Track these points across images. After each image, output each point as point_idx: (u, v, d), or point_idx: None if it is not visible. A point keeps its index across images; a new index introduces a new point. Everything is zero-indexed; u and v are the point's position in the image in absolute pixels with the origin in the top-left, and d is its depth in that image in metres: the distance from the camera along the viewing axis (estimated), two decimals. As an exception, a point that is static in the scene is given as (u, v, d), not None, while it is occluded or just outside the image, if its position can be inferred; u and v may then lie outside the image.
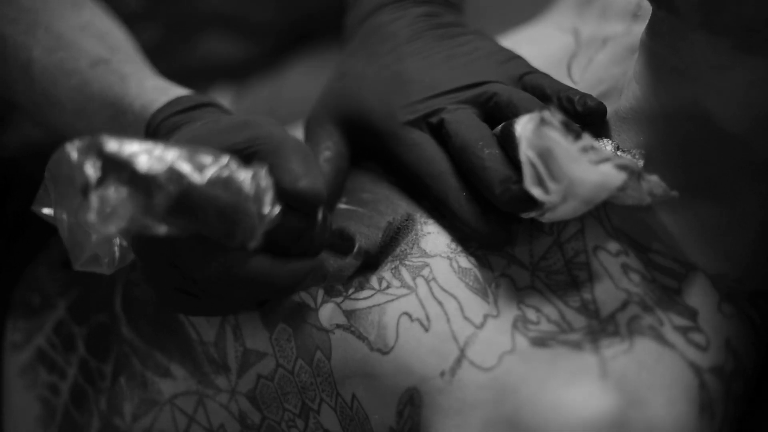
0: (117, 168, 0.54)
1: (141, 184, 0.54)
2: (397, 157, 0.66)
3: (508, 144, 0.61)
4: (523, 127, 0.59)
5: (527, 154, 0.58)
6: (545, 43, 0.72)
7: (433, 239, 0.64)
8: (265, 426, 0.66)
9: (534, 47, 0.72)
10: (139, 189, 0.54)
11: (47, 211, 0.59)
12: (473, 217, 0.63)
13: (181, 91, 0.68)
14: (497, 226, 0.63)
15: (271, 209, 0.57)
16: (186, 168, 0.55)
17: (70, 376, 0.72)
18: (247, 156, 0.59)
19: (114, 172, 0.54)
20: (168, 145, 0.56)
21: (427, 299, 0.62)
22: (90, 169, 0.54)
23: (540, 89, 0.65)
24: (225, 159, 0.56)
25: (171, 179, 0.55)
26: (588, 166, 0.58)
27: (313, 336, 0.64)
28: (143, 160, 0.54)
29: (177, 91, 0.68)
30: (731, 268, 0.62)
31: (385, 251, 0.64)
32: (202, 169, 0.56)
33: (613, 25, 0.70)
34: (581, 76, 0.68)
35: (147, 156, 0.55)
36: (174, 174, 0.55)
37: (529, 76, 0.66)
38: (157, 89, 0.68)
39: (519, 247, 0.63)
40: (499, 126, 0.63)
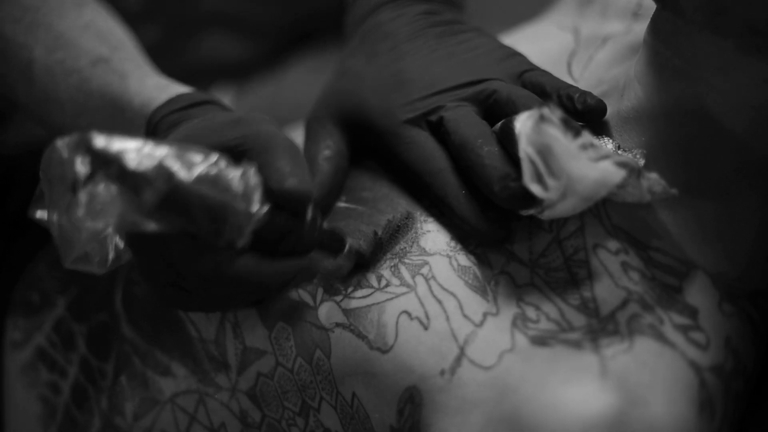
0: (106, 164, 0.54)
1: (130, 180, 0.54)
2: (397, 155, 0.66)
3: (507, 141, 0.61)
4: (523, 123, 0.59)
5: (526, 151, 0.58)
6: (545, 41, 0.72)
7: (433, 237, 0.64)
8: (265, 424, 0.66)
9: (534, 45, 0.71)
10: (127, 186, 0.54)
11: (40, 214, 0.59)
12: (472, 215, 0.62)
13: (181, 88, 0.68)
14: (496, 223, 0.62)
15: (259, 208, 0.57)
16: (175, 165, 0.55)
17: (71, 374, 0.72)
18: (238, 153, 0.59)
19: (103, 168, 0.54)
20: (157, 143, 0.56)
21: (427, 297, 0.62)
22: (79, 166, 0.54)
23: (540, 86, 0.65)
24: (214, 157, 0.57)
25: (159, 176, 0.55)
26: (587, 163, 0.58)
27: (312, 334, 0.64)
28: (132, 156, 0.55)
29: (177, 88, 0.68)
30: (731, 266, 0.62)
31: (385, 249, 0.64)
32: (191, 166, 0.56)
33: (613, 23, 0.70)
34: (581, 75, 0.68)
35: (136, 153, 0.55)
36: (163, 171, 0.55)
37: (529, 73, 0.66)
38: (157, 87, 0.68)
39: (518, 244, 0.63)
40: (499, 123, 0.63)
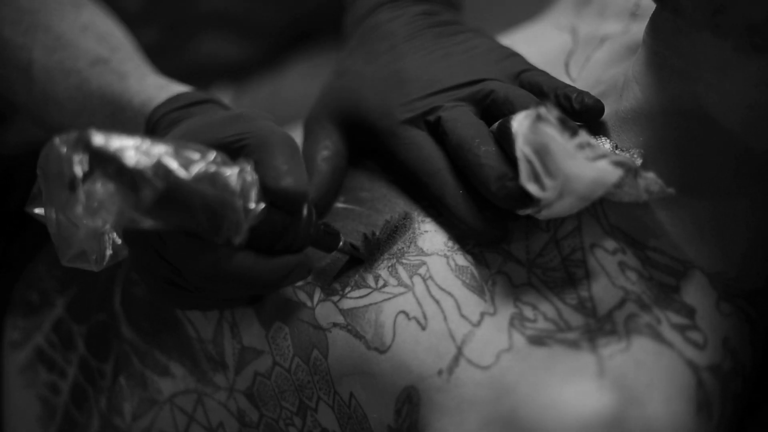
0: (104, 162, 0.55)
1: (128, 178, 0.55)
2: (395, 155, 0.66)
3: (504, 141, 0.61)
4: (520, 123, 0.59)
5: (523, 150, 0.58)
6: (543, 41, 0.72)
7: (431, 237, 0.64)
8: (263, 424, 0.66)
9: (531, 46, 0.72)
10: (125, 183, 0.55)
11: (39, 210, 0.59)
12: (470, 214, 0.63)
13: (180, 87, 0.69)
14: (494, 223, 0.62)
15: (256, 205, 0.58)
16: (173, 163, 0.55)
17: (70, 375, 0.72)
18: (236, 150, 0.59)
19: (101, 166, 0.55)
20: (155, 141, 0.56)
21: (424, 298, 0.62)
22: (77, 164, 0.55)
23: (537, 86, 0.65)
24: (212, 155, 0.57)
25: (158, 174, 0.55)
26: (584, 162, 0.58)
27: (309, 334, 0.64)
28: (130, 154, 0.55)
29: (177, 87, 0.68)
30: (729, 266, 0.62)
31: (382, 249, 0.64)
32: (189, 164, 0.56)
33: (611, 24, 0.70)
34: (579, 75, 0.68)
35: (134, 151, 0.55)
36: (161, 169, 0.55)
37: (526, 73, 0.66)
38: (157, 86, 0.69)
39: (515, 244, 0.63)
40: (496, 123, 0.63)
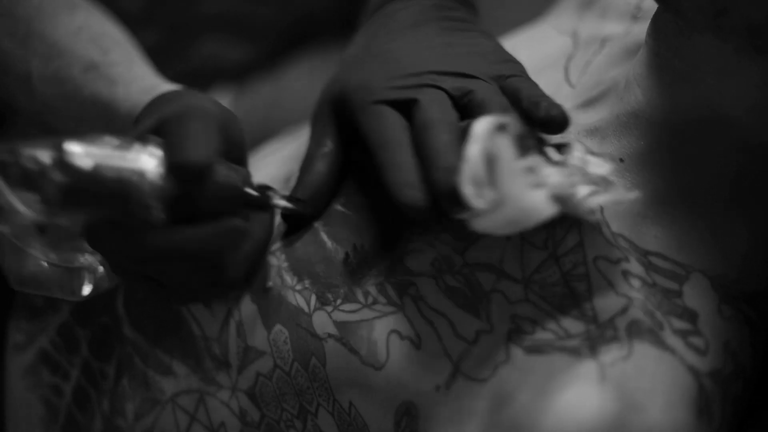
0: (3, 169, 0.57)
1: (32, 179, 0.57)
2: (360, 127, 0.64)
3: (464, 140, 0.59)
4: (480, 126, 0.58)
5: (472, 153, 0.57)
6: (543, 45, 0.72)
7: (417, 257, 0.63)
8: (264, 424, 0.66)
9: (532, 49, 0.71)
10: (32, 185, 0.57)
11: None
12: (406, 185, 0.59)
13: (165, 87, 0.68)
14: (433, 205, 0.58)
15: (160, 182, 0.59)
16: (73, 156, 0.57)
17: (73, 377, 0.73)
18: (161, 135, 0.61)
19: (2, 174, 0.57)
20: (64, 137, 0.58)
21: (416, 318, 0.61)
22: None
23: (516, 92, 0.62)
24: (115, 141, 0.59)
25: (58, 169, 0.57)
26: (523, 187, 0.57)
27: (307, 341, 0.64)
28: (32, 156, 0.57)
29: (161, 89, 0.68)
30: (730, 268, 0.62)
31: (370, 264, 0.64)
32: (89, 155, 0.57)
33: (612, 25, 0.69)
34: (578, 80, 0.67)
35: (37, 152, 0.57)
36: (61, 163, 0.57)
37: (512, 79, 0.64)
38: (142, 91, 0.69)
39: (508, 263, 0.61)
40: (465, 121, 0.61)
